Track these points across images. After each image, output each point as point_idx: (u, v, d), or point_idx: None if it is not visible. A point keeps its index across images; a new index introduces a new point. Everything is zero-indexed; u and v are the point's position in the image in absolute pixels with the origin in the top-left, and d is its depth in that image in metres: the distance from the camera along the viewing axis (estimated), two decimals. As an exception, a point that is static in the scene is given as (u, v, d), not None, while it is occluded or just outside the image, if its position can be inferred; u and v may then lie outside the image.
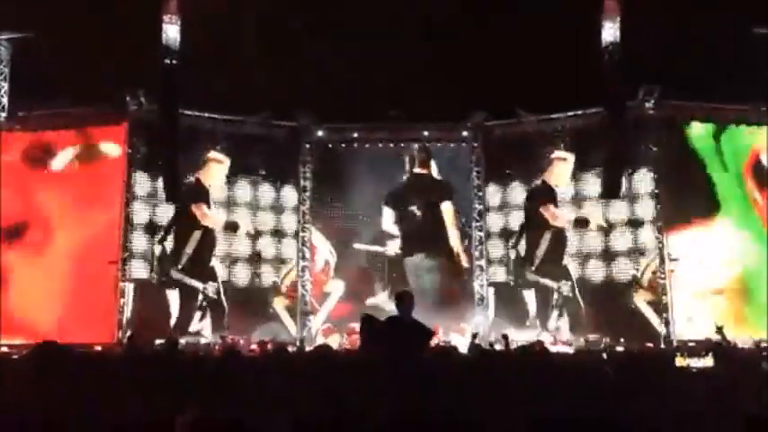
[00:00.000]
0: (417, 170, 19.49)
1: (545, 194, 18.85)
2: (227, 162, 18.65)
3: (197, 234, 18.49)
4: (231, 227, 18.85)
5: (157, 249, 18.05)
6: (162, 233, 18.14)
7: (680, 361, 8.40)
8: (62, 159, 18.20)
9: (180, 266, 18.24)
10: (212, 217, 18.71)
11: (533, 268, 18.97)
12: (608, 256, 18.26)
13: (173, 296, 18.07)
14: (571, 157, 18.58)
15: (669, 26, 16.94)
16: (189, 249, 18.40)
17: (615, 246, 18.23)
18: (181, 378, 8.58)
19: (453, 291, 19.01)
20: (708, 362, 7.85)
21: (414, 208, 19.11)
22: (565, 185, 18.72)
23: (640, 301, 17.73)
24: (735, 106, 17.85)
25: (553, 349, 15.03)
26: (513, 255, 19.23)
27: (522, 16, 18.10)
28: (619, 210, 18.20)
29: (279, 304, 19.06)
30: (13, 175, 17.83)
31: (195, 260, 18.38)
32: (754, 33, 17.50)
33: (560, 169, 18.74)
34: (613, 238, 18.30)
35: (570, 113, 18.76)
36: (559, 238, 18.81)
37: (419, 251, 19.06)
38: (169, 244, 18.22)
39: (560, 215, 18.82)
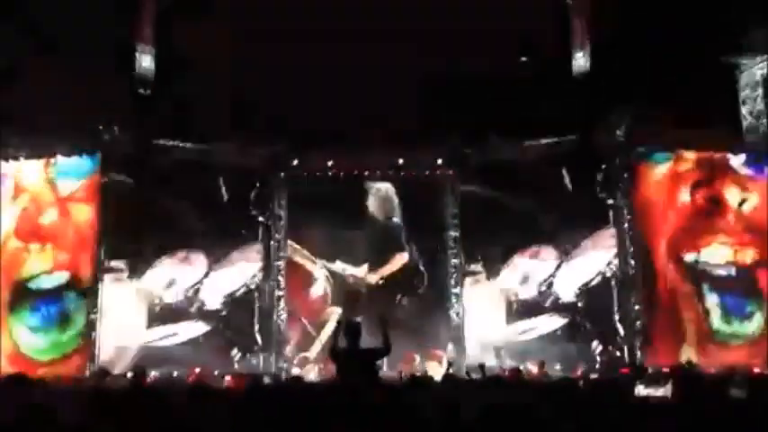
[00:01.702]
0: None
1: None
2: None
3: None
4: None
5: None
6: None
7: (640, 390, 8.36)
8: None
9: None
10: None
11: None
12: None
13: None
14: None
15: (640, 55, 17.23)
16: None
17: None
18: (147, 415, 8.46)
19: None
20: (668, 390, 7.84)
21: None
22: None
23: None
24: (704, 133, 18.11)
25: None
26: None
27: (495, 40, 18.30)
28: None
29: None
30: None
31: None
32: (722, 62, 17.89)
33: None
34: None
35: (544, 141, 18.89)
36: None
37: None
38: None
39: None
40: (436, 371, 16.12)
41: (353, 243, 19.27)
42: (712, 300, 17.64)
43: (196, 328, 18.32)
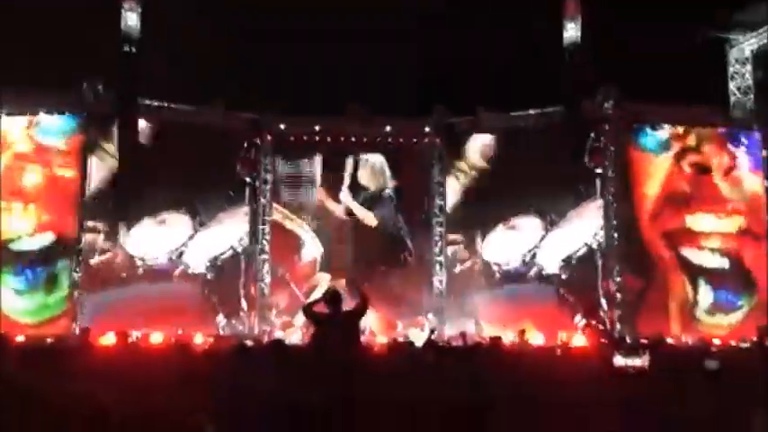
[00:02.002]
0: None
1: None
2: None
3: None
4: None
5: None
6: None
7: (619, 360, 8.49)
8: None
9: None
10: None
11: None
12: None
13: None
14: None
15: (629, 29, 17.18)
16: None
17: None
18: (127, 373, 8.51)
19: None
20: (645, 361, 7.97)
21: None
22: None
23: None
24: (691, 108, 18.17)
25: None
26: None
27: (486, 13, 18.19)
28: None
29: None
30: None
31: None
32: (709, 37, 17.90)
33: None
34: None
35: (531, 112, 18.85)
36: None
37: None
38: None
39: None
40: (418, 337, 16.22)
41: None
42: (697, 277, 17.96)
43: (180, 291, 18.21)
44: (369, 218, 19.38)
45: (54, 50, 16.36)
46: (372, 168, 19.46)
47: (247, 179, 19.09)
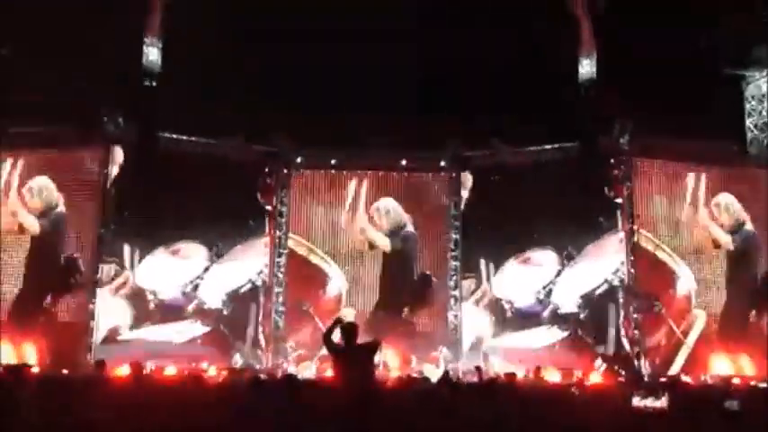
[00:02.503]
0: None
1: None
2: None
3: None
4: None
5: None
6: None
7: (637, 401, 8.35)
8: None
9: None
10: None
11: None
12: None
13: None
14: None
15: (646, 63, 17.25)
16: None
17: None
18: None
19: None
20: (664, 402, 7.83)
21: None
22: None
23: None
24: (707, 144, 18.10)
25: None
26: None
27: (503, 49, 18.31)
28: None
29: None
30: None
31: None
32: (725, 74, 17.93)
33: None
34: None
35: (547, 146, 18.85)
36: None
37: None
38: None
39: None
40: (432, 372, 16.09)
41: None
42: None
43: (193, 330, 18.03)
44: (386, 245, 19.29)
45: (75, 84, 16.62)
46: (387, 213, 19.43)
47: (267, 207, 19.09)
